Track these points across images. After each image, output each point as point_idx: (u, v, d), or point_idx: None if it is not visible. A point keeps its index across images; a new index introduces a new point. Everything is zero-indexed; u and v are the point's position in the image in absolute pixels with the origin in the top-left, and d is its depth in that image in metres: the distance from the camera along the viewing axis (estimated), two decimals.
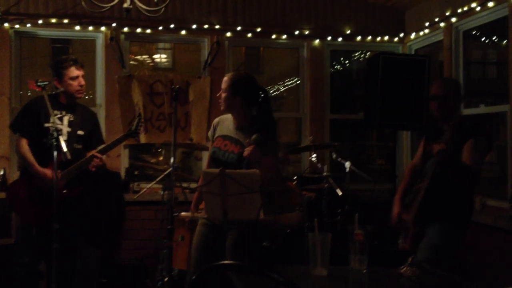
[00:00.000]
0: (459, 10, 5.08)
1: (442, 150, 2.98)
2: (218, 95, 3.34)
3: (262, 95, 3.26)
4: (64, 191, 3.68)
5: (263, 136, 3.06)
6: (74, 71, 3.84)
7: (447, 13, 5.26)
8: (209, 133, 3.48)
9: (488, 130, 3.35)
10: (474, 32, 5.40)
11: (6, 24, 5.31)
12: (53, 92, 3.91)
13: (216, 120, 3.45)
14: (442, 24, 5.37)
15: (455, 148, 3.15)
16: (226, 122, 3.36)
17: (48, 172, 3.65)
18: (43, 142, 3.72)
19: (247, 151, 3.04)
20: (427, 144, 3.49)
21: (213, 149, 3.31)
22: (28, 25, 5.40)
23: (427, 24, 5.62)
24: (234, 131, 3.28)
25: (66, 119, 3.85)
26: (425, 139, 3.59)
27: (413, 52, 6.11)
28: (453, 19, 5.20)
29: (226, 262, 1.64)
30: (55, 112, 3.77)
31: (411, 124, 4.91)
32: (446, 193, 3.26)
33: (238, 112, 3.27)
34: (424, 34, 5.76)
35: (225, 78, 3.29)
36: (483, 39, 6.12)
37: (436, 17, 5.45)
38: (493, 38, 6.18)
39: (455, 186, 3.26)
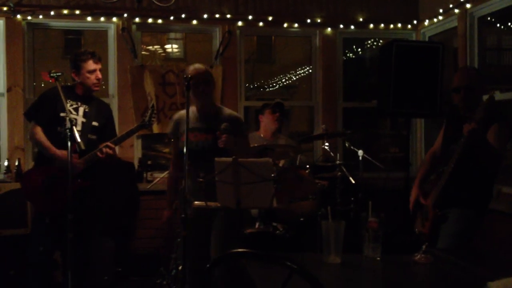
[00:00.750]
0: None
1: (473, 129, 2.96)
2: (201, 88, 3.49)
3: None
4: (79, 180, 3.71)
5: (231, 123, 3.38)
6: (92, 65, 3.88)
7: None
8: (170, 131, 3.68)
9: (508, 117, 3.33)
10: (489, 18, 5.32)
11: (18, 16, 5.34)
12: (70, 84, 3.95)
13: (176, 117, 3.68)
14: (456, 11, 5.30)
15: (484, 130, 3.13)
16: (184, 118, 3.41)
17: (65, 152, 3.64)
18: (57, 131, 3.76)
19: (221, 142, 3.26)
20: (448, 130, 3.47)
21: (183, 144, 3.34)
22: (40, 16, 5.42)
23: (441, 10, 5.55)
24: (199, 122, 3.53)
25: (81, 110, 3.88)
26: (445, 127, 3.57)
27: (426, 39, 6.04)
28: (468, 5, 5.13)
29: (241, 250, 1.64)
30: (71, 102, 3.82)
31: (425, 111, 4.86)
32: (469, 178, 3.25)
33: (209, 102, 3.57)
34: (438, 21, 5.69)
35: (200, 72, 3.51)
36: (498, 25, 6.03)
37: (450, 4, 5.38)
38: (509, 24, 6.09)
39: (479, 170, 3.24)
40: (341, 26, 6.01)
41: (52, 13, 5.41)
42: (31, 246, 3.91)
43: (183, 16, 5.67)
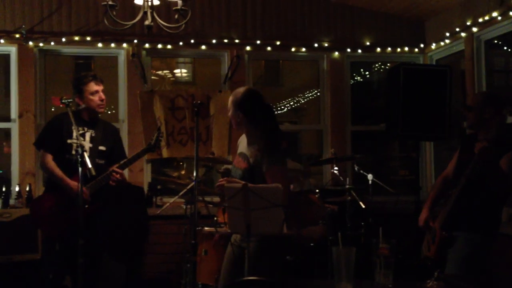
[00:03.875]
0: (480, 20, 5.05)
1: (485, 147, 2.96)
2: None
3: (265, 109, 3.24)
4: (86, 206, 3.71)
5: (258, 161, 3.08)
6: (94, 86, 3.90)
7: (468, 23, 5.22)
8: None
9: None
10: (495, 41, 5.35)
11: (30, 43, 5.43)
12: (76, 109, 3.97)
13: (240, 138, 3.47)
14: (463, 34, 5.34)
15: (496, 153, 3.11)
16: (243, 140, 3.39)
17: (76, 184, 3.67)
18: (66, 158, 3.78)
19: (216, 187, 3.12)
20: (462, 154, 3.47)
21: (231, 167, 3.38)
22: (52, 43, 5.51)
23: (447, 34, 5.59)
24: (246, 147, 3.28)
25: (88, 135, 3.91)
26: (460, 150, 3.57)
27: (434, 63, 6.07)
28: (474, 29, 5.16)
29: (251, 278, 1.64)
30: (78, 128, 3.83)
31: (433, 134, 4.87)
32: (477, 201, 3.23)
33: (244, 129, 3.28)
34: (445, 44, 5.72)
35: (237, 96, 3.27)
36: (505, 48, 6.06)
37: (456, 27, 5.41)
38: None
39: (488, 193, 3.22)
40: (348, 50, 6.06)
41: (63, 39, 5.50)
42: (41, 272, 3.92)
43: (192, 41, 5.74)
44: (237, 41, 5.84)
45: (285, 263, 4.16)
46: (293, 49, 5.99)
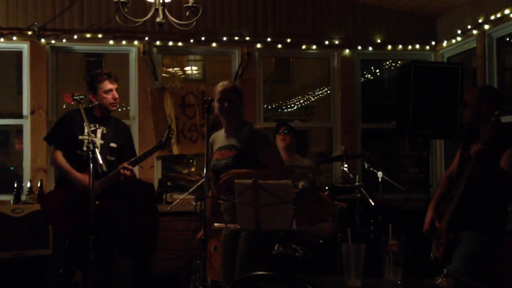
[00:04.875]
0: (492, 17, 5.01)
1: (479, 150, 2.94)
2: (225, 105, 3.47)
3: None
4: (96, 202, 3.73)
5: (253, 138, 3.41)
6: (108, 85, 3.92)
7: (480, 20, 5.19)
8: (208, 153, 3.56)
9: None
10: (507, 39, 5.32)
11: (42, 40, 5.47)
12: (88, 106, 4.00)
13: (211, 138, 3.68)
14: (474, 32, 5.31)
15: (494, 152, 3.09)
16: (217, 137, 3.63)
17: (86, 177, 3.70)
18: (77, 154, 3.81)
19: (221, 182, 3.33)
20: (464, 151, 3.45)
21: (213, 163, 3.54)
22: (64, 40, 5.55)
23: (459, 31, 5.56)
24: (225, 139, 3.53)
25: (99, 132, 3.93)
26: (462, 147, 3.55)
27: (445, 60, 6.04)
28: (486, 26, 5.13)
29: (261, 273, 1.65)
30: (90, 125, 3.85)
31: (444, 132, 4.85)
32: (480, 201, 3.20)
33: (232, 119, 3.51)
34: (456, 42, 5.69)
35: (225, 87, 3.51)
36: None
37: (468, 25, 5.38)
38: None
39: (491, 193, 3.20)
40: (359, 47, 6.05)
41: (75, 36, 5.53)
42: (52, 267, 3.94)
43: (203, 38, 5.75)
44: (247, 38, 5.85)
45: (294, 259, 4.16)
46: (303, 47, 5.99)
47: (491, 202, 3.24)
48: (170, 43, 5.76)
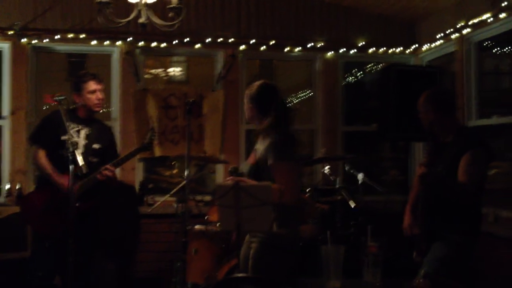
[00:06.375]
0: (471, 22, 5.08)
1: (423, 173, 3.03)
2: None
3: (279, 104, 3.14)
4: (77, 204, 3.71)
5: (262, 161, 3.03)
6: (93, 85, 3.92)
7: (459, 25, 5.26)
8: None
9: (487, 141, 3.29)
10: (486, 43, 5.39)
11: (24, 40, 5.42)
12: (72, 106, 3.98)
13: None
14: (454, 36, 5.37)
15: (452, 163, 3.15)
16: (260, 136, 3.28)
17: (66, 181, 3.66)
18: (60, 154, 3.78)
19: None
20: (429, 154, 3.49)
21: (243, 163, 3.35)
22: (46, 40, 5.50)
23: (439, 35, 5.62)
24: (259, 142, 3.21)
25: (83, 133, 3.91)
26: (427, 152, 3.59)
27: (425, 64, 6.11)
28: (465, 31, 5.20)
29: (241, 275, 1.66)
30: (73, 125, 3.83)
31: (424, 135, 4.89)
32: (446, 210, 3.21)
33: (257, 122, 3.21)
34: (436, 46, 5.76)
35: (248, 90, 3.25)
36: (495, 50, 6.11)
37: (448, 29, 5.45)
38: (506, 49, 6.17)
39: (455, 202, 3.20)
40: (342, 50, 6.09)
41: (57, 36, 5.48)
42: (30, 270, 3.90)
43: (186, 40, 5.74)
44: (231, 40, 5.85)
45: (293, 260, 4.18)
46: (287, 49, 6.01)
47: (460, 206, 3.20)
48: (153, 44, 5.74)
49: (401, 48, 6.17)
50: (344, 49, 6.09)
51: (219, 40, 5.82)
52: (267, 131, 3.11)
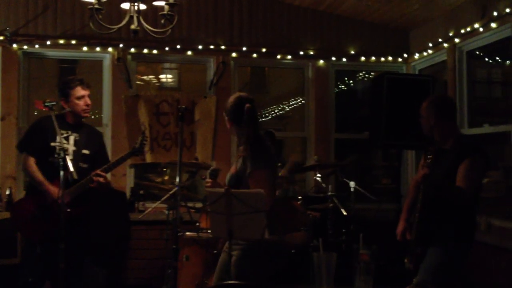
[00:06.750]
0: (462, 31, 5.12)
1: (425, 174, 3.03)
2: None
3: (248, 115, 3.18)
4: (68, 210, 3.68)
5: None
6: (80, 91, 3.88)
7: (451, 34, 5.30)
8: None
9: (485, 149, 3.33)
10: (477, 52, 5.43)
11: (14, 45, 5.40)
12: (60, 112, 3.94)
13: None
14: (445, 45, 5.41)
15: (450, 169, 3.16)
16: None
17: (56, 190, 3.64)
18: (49, 161, 3.75)
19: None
20: (425, 162, 3.50)
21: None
22: (37, 46, 5.48)
23: (430, 44, 5.66)
24: (238, 152, 3.28)
25: (72, 139, 3.88)
26: (423, 157, 3.60)
27: (416, 72, 6.14)
28: (457, 40, 5.24)
29: (232, 282, 1.65)
30: (62, 131, 3.79)
31: (416, 143, 4.92)
32: (443, 214, 3.23)
33: (236, 134, 3.29)
34: (428, 55, 5.80)
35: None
36: (486, 59, 6.16)
37: (439, 38, 5.49)
38: (497, 58, 6.22)
39: (452, 206, 3.23)
40: (334, 58, 6.11)
41: (48, 42, 5.47)
42: (21, 276, 3.87)
43: (178, 46, 5.75)
44: (223, 47, 5.86)
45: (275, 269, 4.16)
46: (278, 57, 6.03)
47: (456, 213, 3.22)
48: (145, 51, 5.74)
49: (393, 57, 6.20)
50: (336, 57, 6.11)
51: (211, 47, 5.83)
52: (242, 143, 3.18)
